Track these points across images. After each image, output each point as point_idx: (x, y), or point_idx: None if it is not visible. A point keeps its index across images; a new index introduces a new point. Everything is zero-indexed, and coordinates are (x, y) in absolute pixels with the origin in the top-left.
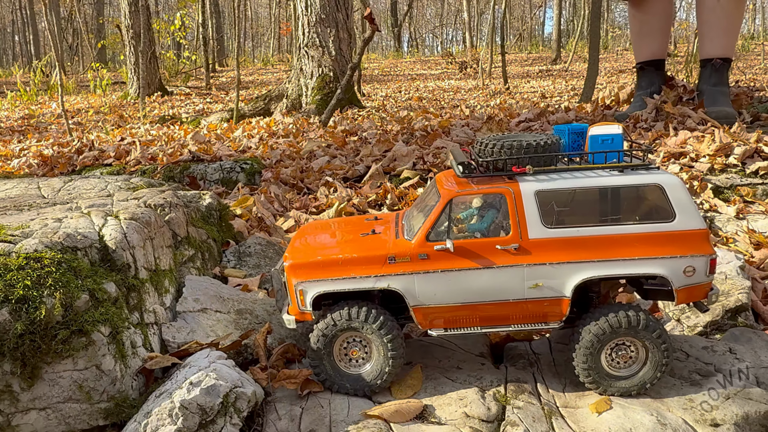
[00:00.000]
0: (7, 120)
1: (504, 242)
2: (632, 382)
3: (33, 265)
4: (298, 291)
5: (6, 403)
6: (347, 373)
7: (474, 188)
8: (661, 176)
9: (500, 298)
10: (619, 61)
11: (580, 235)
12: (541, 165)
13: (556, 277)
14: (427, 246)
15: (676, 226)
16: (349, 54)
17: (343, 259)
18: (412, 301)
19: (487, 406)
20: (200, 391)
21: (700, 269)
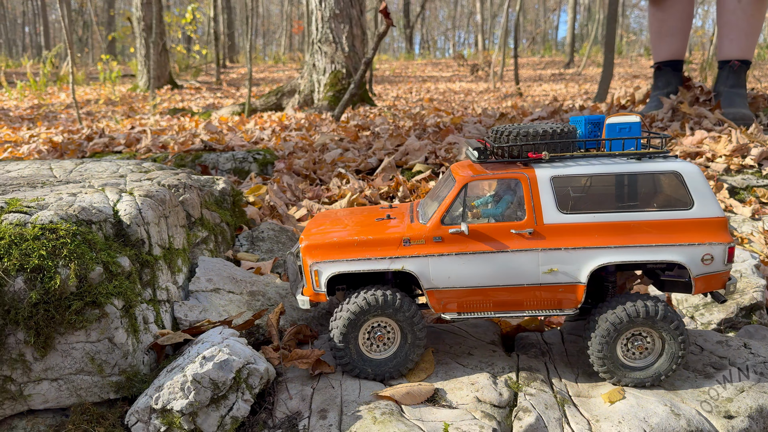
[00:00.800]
0: (17, 109)
1: (519, 227)
2: (647, 373)
3: (48, 235)
4: (313, 271)
5: (19, 372)
6: (370, 358)
7: (489, 173)
8: (679, 164)
9: (514, 282)
10: (633, 66)
11: (596, 221)
12: (558, 152)
13: (571, 263)
14: (442, 229)
15: (694, 214)
16: (362, 51)
17: (359, 241)
18: (426, 284)
19: (499, 392)
20: (213, 365)
21: (718, 257)
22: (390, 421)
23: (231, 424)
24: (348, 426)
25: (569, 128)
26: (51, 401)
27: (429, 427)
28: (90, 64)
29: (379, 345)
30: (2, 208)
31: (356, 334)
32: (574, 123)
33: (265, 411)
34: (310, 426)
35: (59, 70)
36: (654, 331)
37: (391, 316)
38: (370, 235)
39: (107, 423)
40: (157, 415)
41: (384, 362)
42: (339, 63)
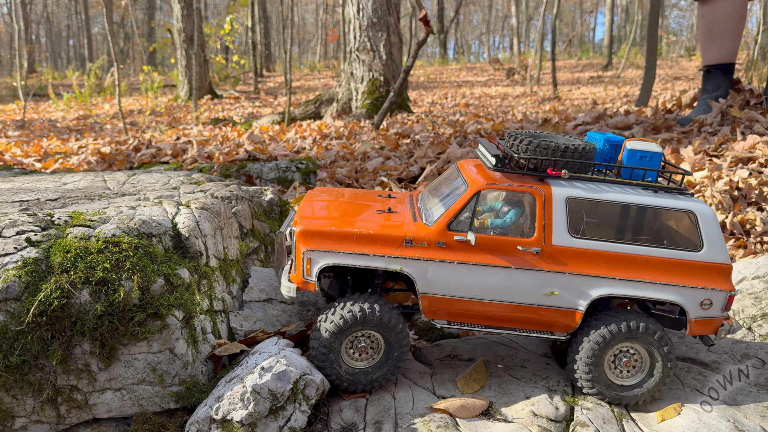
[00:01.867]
0: (64, 120)
1: (526, 244)
2: (641, 390)
3: (112, 249)
4: (306, 259)
5: (84, 382)
6: (353, 368)
7: (505, 183)
8: (696, 204)
9: (512, 299)
10: (674, 68)
11: (604, 249)
12: (575, 171)
13: (573, 288)
14: (447, 235)
15: (702, 257)
16: (400, 58)
17: (359, 234)
18: (422, 288)
19: (555, 406)
20: (271, 376)
21: (717, 304)
22: None
23: None
24: None
25: (590, 146)
26: (114, 410)
27: None
28: (131, 75)
29: (362, 355)
30: (66, 222)
31: (339, 346)
32: (592, 140)
33: (320, 422)
34: None
35: (103, 81)
36: (639, 345)
37: (374, 329)
38: (371, 229)
39: None
40: (217, 426)
41: (366, 372)
42: (377, 71)
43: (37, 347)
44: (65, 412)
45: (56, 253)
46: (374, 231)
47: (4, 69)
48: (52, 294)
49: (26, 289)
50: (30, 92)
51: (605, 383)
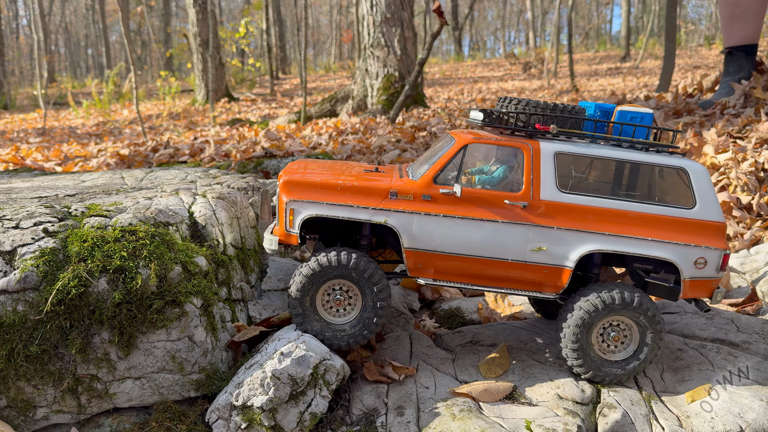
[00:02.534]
0: (84, 127)
1: (513, 198)
2: (626, 367)
3: (128, 237)
4: (289, 210)
5: (104, 371)
6: (328, 321)
7: (492, 138)
8: (687, 162)
9: (499, 255)
10: (693, 57)
11: (594, 204)
12: (565, 128)
13: (561, 244)
14: (432, 188)
15: (695, 215)
16: (414, 53)
17: (343, 185)
18: (407, 243)
19: (581, 389)
20: (291, 361)
21: (712, 262)
22: (469, 418)
23: (310, 420)
24: (426, 423)
25: (579, 108)
26: (135, 399)
27: (510, 425)
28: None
29: (339, 309)
30: (83, 212)
31: (314, 295)
32: (584, 106)
33: (341, 408)
34: (387, 423)
35: (121, 88)
36: (631, 320)
37: (350, 278)
38: (356, 181)
39: (189, 420)
40: (237, 412)
41: (342, 327)
42: (391, 66)
43: (56, 336)
44: (86, 401)
45: (73, 243)
46: (359, 183)
47: (25, 79)
48: (70, 283)
49: (44, 279)
50: (50, 101)
51: (592, 357)
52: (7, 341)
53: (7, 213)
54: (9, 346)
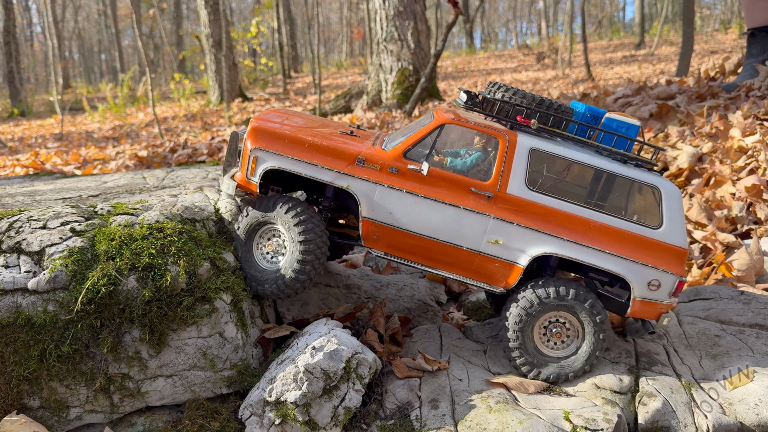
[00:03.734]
0: (100, 131)
1: (480, 187)
2: (570, 362)
3: (156, 234)
4: (252, 158)
5: (136, 370)
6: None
7: (471, 122)
8: (663, 181)
9: (455, 241)
10: (709, 42)
11: (558, 208)
12: (549, 125)
13: (518, 241)
14: (401, 161)
15: (659, 236)
16: (428, 46)
17: (312, 143)
18: (365, 212)
19: (619, 378)
20: (323, 355)
21: (665, 287)
22: (506, 410)
23: (344, 414)
24: (462, 415)
25: (567, 108)
26: (167, 397)
27: (548, 416)
28: (162, 84)
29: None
30: (109, 211)
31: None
32: (575, 107)
33: (374, 402)
34: (422, 416)
35: (135, 91)
36: (570, 314)
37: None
38: (325, 141)
39: (221, 418)
40: (271, 408)
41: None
42: (405, 60)
43: (87, 336)
44: (118, 400)
45: (101, 242)
46: (327, 144)
47: (41, 86)
48: (99, 282)
49: (73, 278)
50: (66, 106)
51: (534, 353)
52: (39, 341)
53: (34, 214)
54: (41, 347)
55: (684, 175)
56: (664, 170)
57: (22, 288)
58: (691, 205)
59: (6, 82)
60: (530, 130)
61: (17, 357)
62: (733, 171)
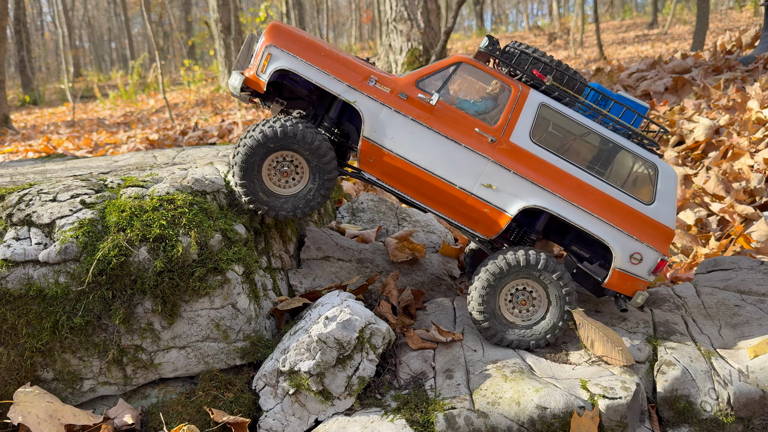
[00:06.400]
0: (111, 117)
1: (485, 129)
2: (533, 331)
3: (167, 206)
4: (266, 54)
5: (149, 341)
6: (276, 193)
7: (488, 67)
8: (661, 161)
9: (450, 178)
10: (724, 20)
11: (556, 165)
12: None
13: (511, 188)
14: (412, 89)
15: (649, 212)
16: (438, 25)
17: (327, 52)
18: (367, 132)
19: (637, 347)
20: (336, 325)
21: (646, 262)
22: (522, 379)
23: (358, 384)
24: (477, 384)
25: (582, 77)
26: (180, 369)
27: (564, 385)
28: (172, 71)
29: (288, 180)
30: (119, 184)
31: (260, 167)
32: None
33: (388, 372)
34: (437, 386)
35: (145, 78)
36: (537, 283)
37: (294, 150)
38: (342, 54)
39: (235, 389)
40: (284, 378)
41: (290, 198)
42: (415, 40)
43: (99, 307)
44: (131, 372)
45: (111, 213)
46: (344, 56)
47: (52, 75)
48: (110, 253)
49: (84, 250)
50: (78, 94)
51: (498, 319)
52: (51, 313)
53: (44, 187)
54: (53, 318)
55: (701, 148)
56: (680, 143)
57: (33, 260)
58: (708, 178)
59: (18, 71)
60: (544, 87)
61: (30, 329)
62: (751, 143)
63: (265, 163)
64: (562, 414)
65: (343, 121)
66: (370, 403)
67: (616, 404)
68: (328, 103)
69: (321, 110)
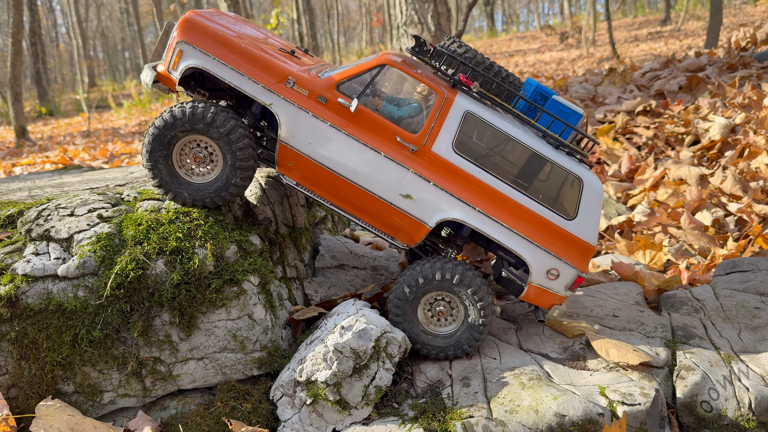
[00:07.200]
0: (126, 127)
1: (406, 138)
2: (449, 341)
3: (183, 218)
4: (177, 51)
5: (167, 353)
6: (187, 181)
7: (413, 71)
8: (588, 174)
9: (370, 188)
10: (738, 15)
11: (477, 177)
12: (493, 93)
13: (430, 200)
14: (332, 92)
15: (570, 227)
16: (449, 28)
17: (243, 50)
18: (284, 136)
19: (656, 352)
20: (352, 334)
21: (563, 278)
22: (539, 387)
23: (375, 393)
24: (495, 392)
25: (518, 80)
26: (198, 380)
27: (583, 391)
28: None
29: (199, 167)
30: (135, 197)
31: (167, 153)
32: (528, 84)
33: (405, 381)
34: (454, 394)
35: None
36: (453, 296)
37: (204, 133)
38: (259, 52)
39: (253, 399)
40: (302, 388)
41: (204, 187)
42: None
43: (117, 320)
44: (150, 384)
45: (128, 227)
46: (260, 55)
47: (67, 85)
48: (128, 266)
49: (102, 264)
50: (92, 104)
51: (416, 327)
52: (71, 327)
53: (62, 202)
54: (73, 332)
55: (717, 147)
56: (695, 142)
57: (53, 275)
58: (725, 177)
59: (33, 83)
60: (472, 93)
61: (50, 343)
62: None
63: (176, 147)
64: (581, 421)
65: (268, 116)
66: (388, 413)
67: (635, 410)
68: (251, 100)
69: (244, 105)
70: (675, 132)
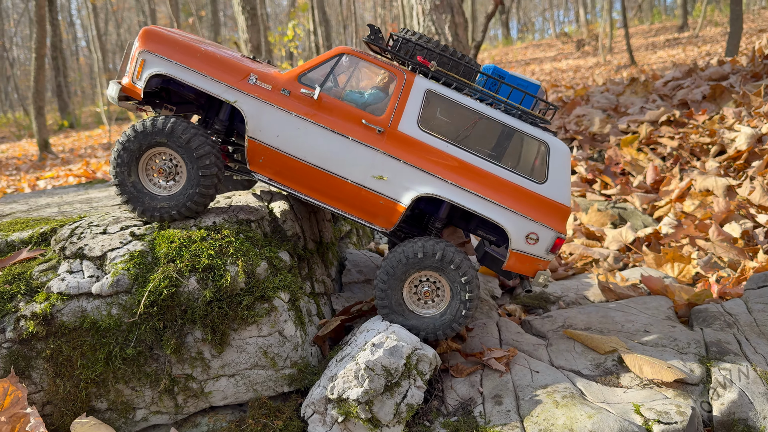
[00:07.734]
0: None
1: (372, 120)
2: (437, 321)
3: (214, 236)
4: (140, 60)
5: (199, 370)
6: (154, 194)
7: (371, 57)
8: (553, 139)
9: (340, 173)
10: (756, 21)
11: (446, 151)
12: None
13: (402, 178)
14: (294, 85)
15: (543, 191)
16: (466, 39)
17: (204, 53)
18: (252, 131)
19: (690, 368)
20: (383, 352)
21: (543, 242)
22: (573, 405)
23: (406, 411)
24: (528, 411)
25: (474, 61)
26: (230, 397)
27: (617, 410)
28: None
29: (167, 179)
30: None
31: (135, 168)
32: (486, 68)
33: (436, 398)
34: (486, 412)
35: None
36: (437, 274)
37: (166, 145)
38: (219, 54)
39: (284, 416)
40: (333, 405)
41: (171, 198)
42: None
43: (150, 338)
44: (182, 401)
45: (161, 244)
46: (221, 57)
47: (87, 98)
48: (161, 284)
49: (135, 281)
50: (113, 117)
51: (400, 309)
52: (105, 345)
53: (94, 220)
54: (106, 350)
55: (743, 157)
56: (721, 152)
57: (87, 292)
58: (753, 188)
59: (55, 96)
60: (431, 72)
61: (84, 360)
62: None
63: (142, 161)
64: None
65: (236, 123)
66: (420, 431)
67: (671, 429)
68: (218, 106)
69: (211, 114)
70: (700, 142)
